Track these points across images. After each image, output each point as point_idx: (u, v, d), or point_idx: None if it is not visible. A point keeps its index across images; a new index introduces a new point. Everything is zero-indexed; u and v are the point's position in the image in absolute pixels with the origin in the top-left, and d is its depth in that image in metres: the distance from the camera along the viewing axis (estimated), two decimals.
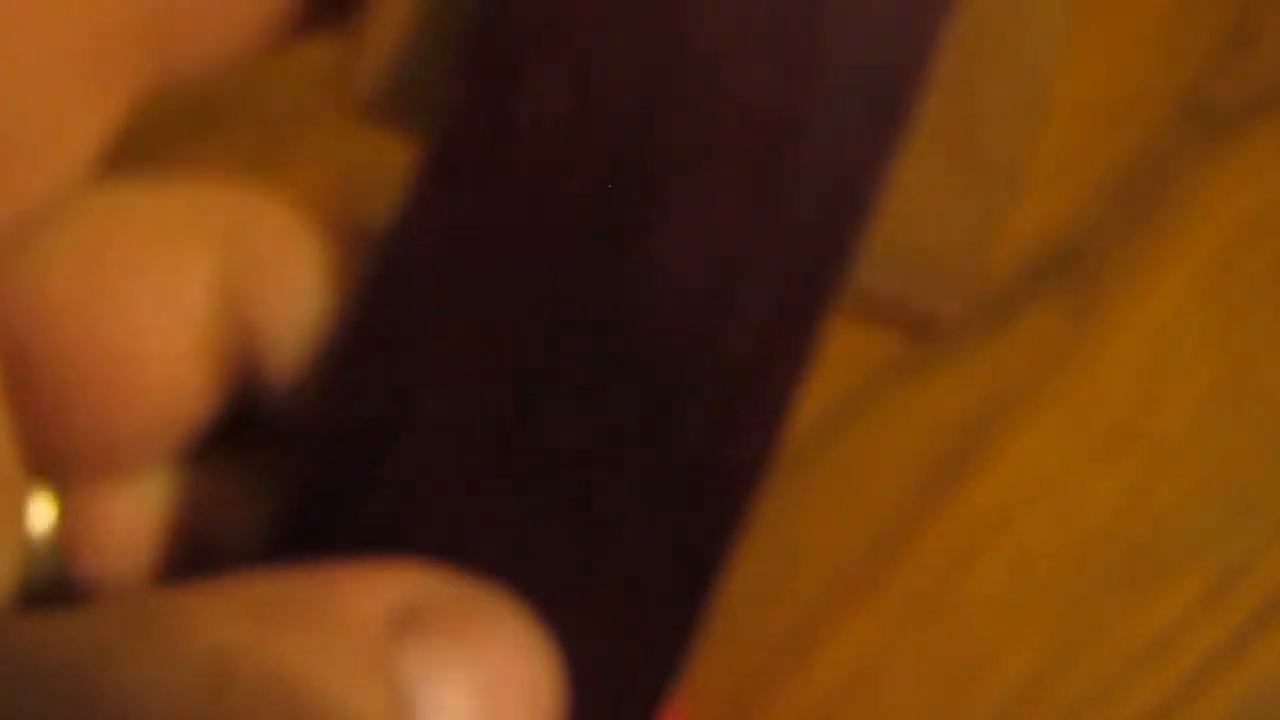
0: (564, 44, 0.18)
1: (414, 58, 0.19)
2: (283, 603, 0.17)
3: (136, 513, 0.19)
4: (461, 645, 0.17)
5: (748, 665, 0.26)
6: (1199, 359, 0.29)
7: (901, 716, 0.27)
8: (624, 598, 0.18)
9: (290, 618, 0.16)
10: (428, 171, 0.18)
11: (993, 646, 0.27)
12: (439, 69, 0.18)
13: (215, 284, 0.18)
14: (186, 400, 0.18)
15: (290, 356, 0.18)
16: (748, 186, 0.18)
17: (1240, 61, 0.31)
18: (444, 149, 0.18)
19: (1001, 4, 0.19)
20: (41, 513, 0.19)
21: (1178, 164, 0.30)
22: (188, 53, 0.18)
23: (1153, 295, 0.30)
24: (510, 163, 0.18)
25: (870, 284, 0.18)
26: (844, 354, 0.29)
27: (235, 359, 0.18)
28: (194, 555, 0.19)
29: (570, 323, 0.18)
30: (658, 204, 0.18)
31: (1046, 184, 0.30)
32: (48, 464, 0.18)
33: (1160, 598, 0.28)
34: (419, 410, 0.18)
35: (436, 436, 0.18)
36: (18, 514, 0.18)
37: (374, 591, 0.17)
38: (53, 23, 0.17)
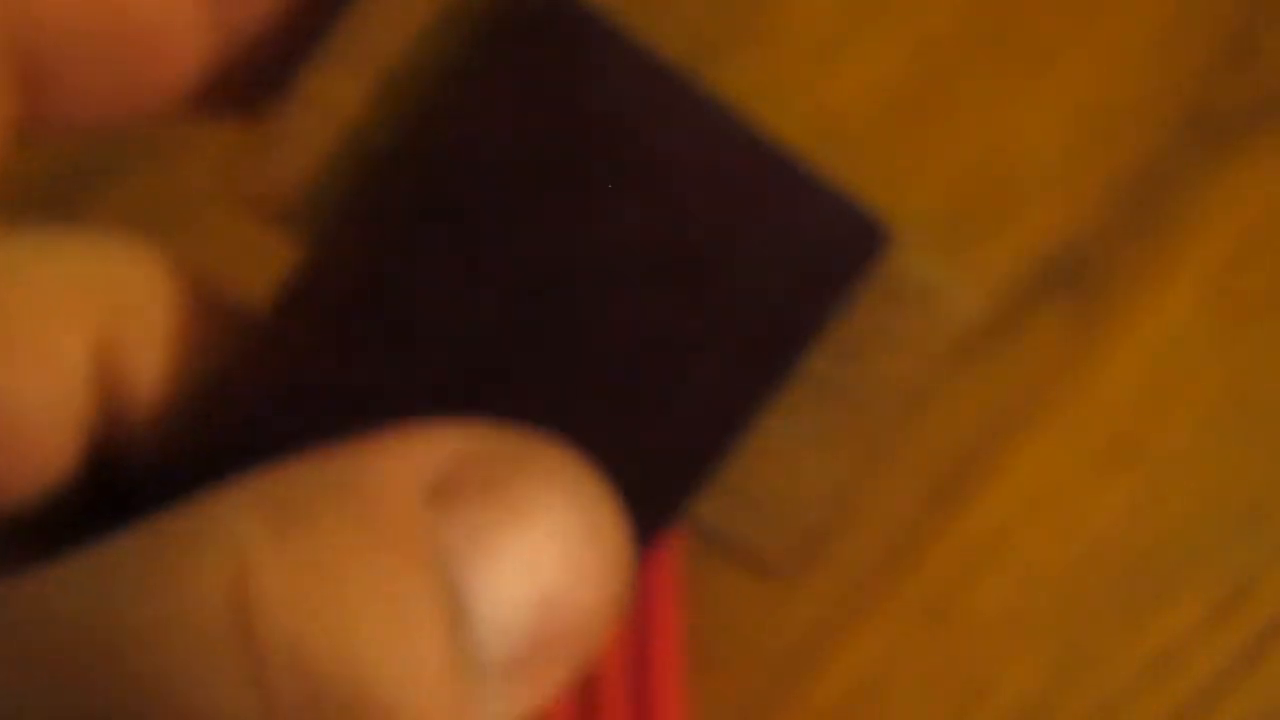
0: (453, 225, 0.18)
1: (321, 169, 0.18)
2: (306, 494, 0.16)
3: None
4: (511, 505, 0.16)
5: (752, 681, 0.26)
6: (1205, 369, 0.29)
7: None
8: None
9: (316, 510, 0.15)
10: (289, 305, 0.18)
11: (999, 662, 0.27)
12: (342, 187, 0.18)
13: (90, 354, 0.18)
14: (46, 461, 0.18)
15: (148, 429, 0.18)
16: (606, 403, 0.18)
17: (1244, 68, 0.31)
18: (314, 286, 0.18)
19: (906, 284, 0.19)
20: None
21: (1182, 171, 0.30)
22: (65, 108, 0.18)
23: (1158, 304, 0.29)
24: (366, 326, 0.18)
25: (712, 519, 0.19)
26: None
27: (98, 427, 0.18)
28: None
29: None
30: (513, 402, 0.18)
31: (1049, 191, 0.30)
32: None
33: (1167, 612, 0.27)
34: None
35: None
36: None
37: (408, 461, 0.16)
38: None
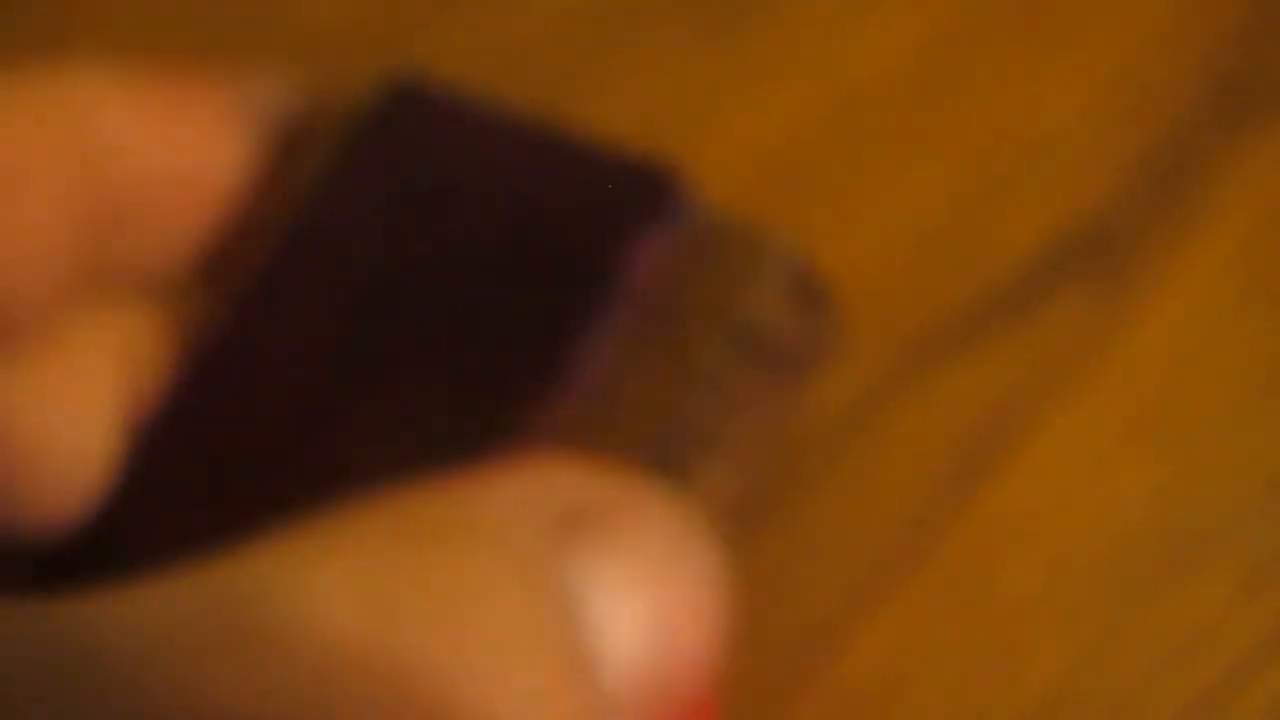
0: (331, 252, 0.23)
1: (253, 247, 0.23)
2: (433, 525, 0.16)
3: None
4: (629, 544, 0.17)
5: (776, 661, 0.26)
6: (1230, 344, 0.29)
7: (936, 712, 0.26)
8: None
9: (443, 542, 0.16)
10: (227, 332, 0.22)
11: (1028, 641, 0.27)
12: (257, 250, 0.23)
13: (120, 404, 0.21)
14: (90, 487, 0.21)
15: None
16: (443, 377, 0.21)
17: (1268, 44, 0.31)
18: (240, 314, 0.22)
19: (720, 232, 0.23)
20: None
21: (1207, 145, 0.30)
22: (121, 266, 0.21)
23: (1184, 279, 0.29)
24: (273, 343, 0.22)
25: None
26: (867, 344, 0.28)
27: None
28: None
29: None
30: (397, 349, 0.21)
31: (1071, 167, 0.30)
32: None
33: (1198, 589, 0.27)
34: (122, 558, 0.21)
35: None
36: None
37: (526, 498, 0.17)
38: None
